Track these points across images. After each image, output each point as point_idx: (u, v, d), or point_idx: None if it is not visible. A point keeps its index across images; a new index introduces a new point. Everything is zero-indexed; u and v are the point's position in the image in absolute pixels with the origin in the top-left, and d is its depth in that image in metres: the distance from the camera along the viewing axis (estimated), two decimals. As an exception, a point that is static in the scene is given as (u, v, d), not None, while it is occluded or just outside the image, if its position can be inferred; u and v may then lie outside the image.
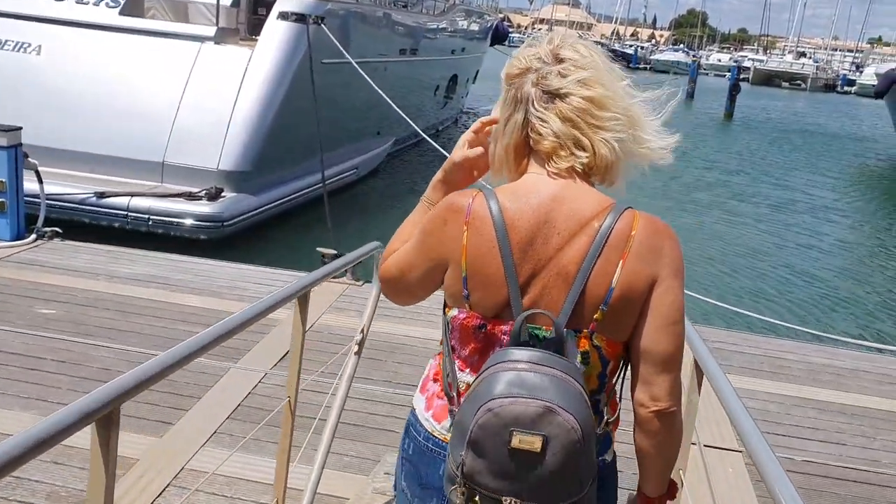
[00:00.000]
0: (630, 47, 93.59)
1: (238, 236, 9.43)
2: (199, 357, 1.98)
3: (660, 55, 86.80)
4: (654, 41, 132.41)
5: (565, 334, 1.51)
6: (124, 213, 9.02)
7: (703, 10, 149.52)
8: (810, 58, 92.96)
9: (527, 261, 1.54)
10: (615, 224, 1.53)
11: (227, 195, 9.46)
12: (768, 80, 75.42)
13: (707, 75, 69.39)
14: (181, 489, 3.50)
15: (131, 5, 10.66)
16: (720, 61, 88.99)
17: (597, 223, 1.53)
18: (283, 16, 10.45)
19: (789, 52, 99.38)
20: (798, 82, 77.69)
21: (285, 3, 10.48)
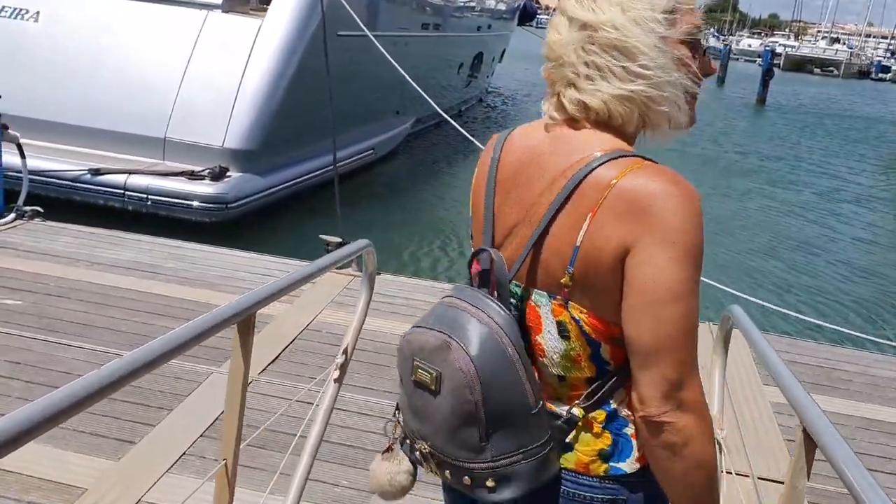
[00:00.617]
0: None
1: (243, 220, 8.80)
2: (147, 371, 1.35)
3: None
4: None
5: (504, 276, 1.30)
6: (121, 191, 8.42)
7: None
8: (844, 44, 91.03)
9: (509, 202, 1.37)
10: (596, 169, 1.26)
11: (232, 175, 8.83)
12: (800, 66, 74.06)
13: (737, 61, 68.04)
14: (131, 532, 2.89)
15: (135, -29, 10.01)
16: (750, 47, 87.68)
17: (578, 167, 1.28)
18: (295, -17, 9.76)
19: (822, 38, 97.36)
20: (830, 69, 76.22)
21: (299, -30, 9.78)
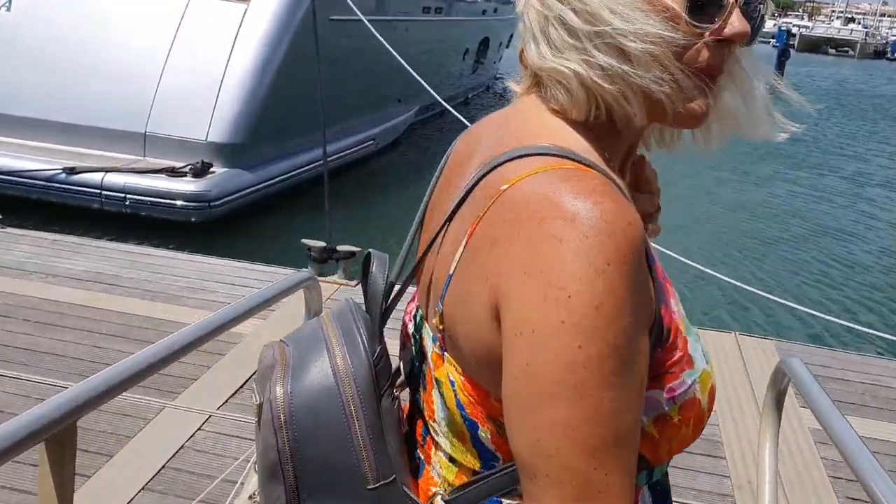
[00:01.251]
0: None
1: (229, 219, 8.22)
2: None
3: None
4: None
5: (377, 291, 1.01)
6: (98, 192, 7.85)
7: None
8: (859, 23, 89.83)
9: (438, 206, 1.00)
10: (494, 170, 0.87)
11: (216, 171, 8.25)
12: (815, 46, 73.19)
13: (751, 42, 66.85)
14: None
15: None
16: (764, 27, 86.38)
17: (491, 161, 0.88)
18: (282, -35, 9.15)
19: (837, 18, 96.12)
20: (846, 49, 75.26)
21: (287, -51, 9.17)
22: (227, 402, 3.76)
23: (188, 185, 7.95)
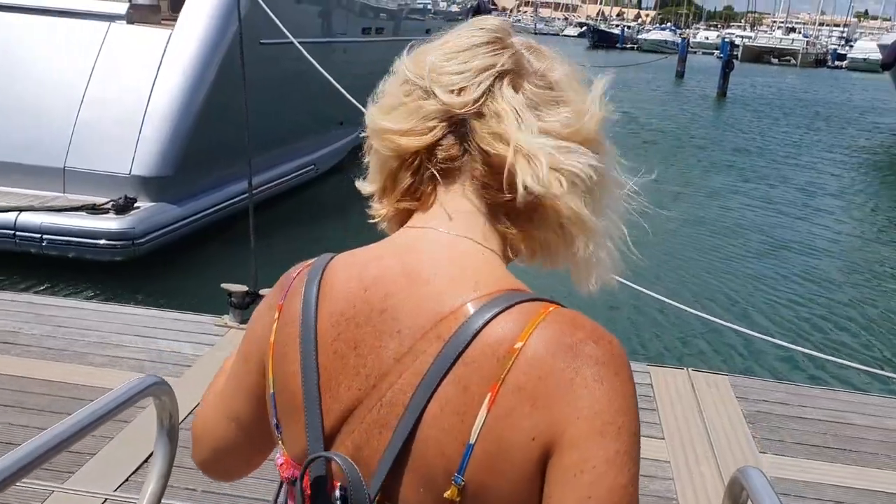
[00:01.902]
0: (616, 27, 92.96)
1: (156, 257, 7.75)
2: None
3: (647, 35, 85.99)
4: (640, 21, 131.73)
5: (363, 498, 0.88)
6: (11, 232, 7.34)
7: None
8: (800, 33, 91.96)
9: (345, 372, 0.91)
10: (488, 325, 0.87)
11: (141, 206, 7.78)
12: (758, 56, 74.70)
13: (695, 53, 68.22)
14: None
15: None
16: (707, 39, 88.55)
17: (458, 320, 0.87)
18: (209, -14, 8.76)
19: (778, 28, 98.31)
20: (788, 58, 77.01)
21: (213, -29, 8.78)
22: (127, 480, 3.35)
23: (110, 223, 7.47)
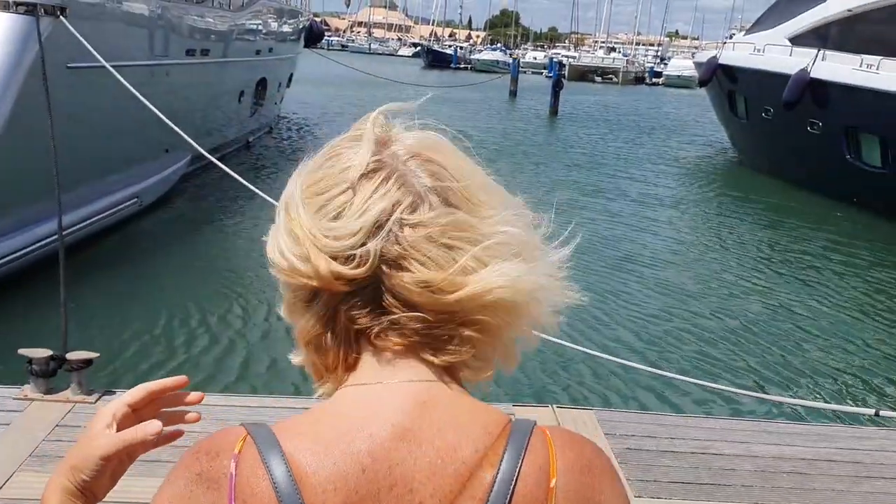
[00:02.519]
0: (449, 48, 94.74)
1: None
2: None
3: (479, 55, 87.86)
4: (471, 41, 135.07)
5: None
6: None
7: (514, 11, 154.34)
8: (619, 52, 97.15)
9: None
10: (520, 469, 0.84)
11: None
12: (583, 75, 77.83)
13: (525, 73, 70.17)
14: None
15: None
16: (535, 59, 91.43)
17: (487, 473, 0.83)
18: (5, 6, 7.80)
19: (599, 48, 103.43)
20: (610, 76, 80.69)
21: (10, -12, 7.84)
22: None
23: None
